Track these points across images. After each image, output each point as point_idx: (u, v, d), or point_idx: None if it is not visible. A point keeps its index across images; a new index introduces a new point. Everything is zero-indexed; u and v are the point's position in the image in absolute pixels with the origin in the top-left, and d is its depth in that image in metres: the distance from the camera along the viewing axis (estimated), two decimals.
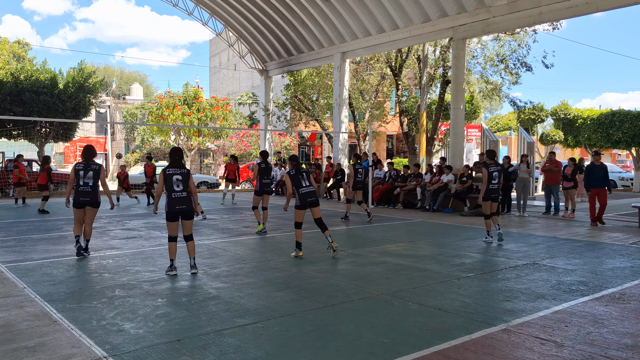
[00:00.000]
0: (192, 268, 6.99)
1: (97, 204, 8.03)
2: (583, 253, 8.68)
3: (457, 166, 16.03)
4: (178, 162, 7.02)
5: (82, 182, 7.89)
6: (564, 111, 28.40)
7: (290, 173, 8.30)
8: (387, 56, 22.36)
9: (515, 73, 20.05)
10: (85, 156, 8.10)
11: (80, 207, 7.93)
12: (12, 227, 11.33)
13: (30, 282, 6.39)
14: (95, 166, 8.02)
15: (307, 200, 8.27)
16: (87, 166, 7.96)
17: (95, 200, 7.96)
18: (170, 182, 6.84)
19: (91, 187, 7.92)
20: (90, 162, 8.07)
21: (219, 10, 23.11)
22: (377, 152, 36.02)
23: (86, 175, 7.91)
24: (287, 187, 8.33)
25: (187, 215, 6.91)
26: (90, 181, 7.91)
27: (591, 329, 4.83)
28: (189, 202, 6.92)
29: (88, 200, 7.91)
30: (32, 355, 4.11)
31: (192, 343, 4.40)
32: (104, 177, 8.13)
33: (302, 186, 8.24)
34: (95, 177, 7.96)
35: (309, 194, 8.29)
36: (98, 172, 7.98)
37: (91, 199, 7.93)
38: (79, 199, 7.90)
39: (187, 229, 6.98)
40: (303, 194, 8.25)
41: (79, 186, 7.91)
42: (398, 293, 6.03)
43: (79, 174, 7.90)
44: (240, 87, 47.02)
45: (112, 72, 64.41)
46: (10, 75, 20.55)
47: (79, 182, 7.90)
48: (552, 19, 15.14)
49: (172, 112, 29.79)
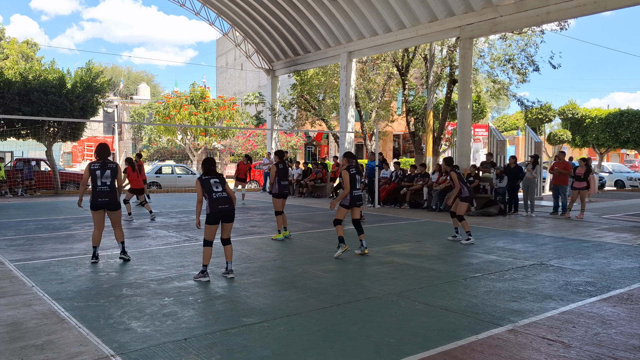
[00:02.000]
0: (228, 272, 6.78)
1: (118, 205, 7.68)
2: (591, 253, 8.63)
3: (464, 166, 15.98)
4: (213, 171, 6.73)
5: (100, 182, 7.48)
6: (572, 111, 28.25)
7: (350, 171, 8.18)
8: (394, 56, 22.34)
9: (523, 72, 19.97)
10: (100, 155, 7.68)
11: (99, 208, 7.54)
12: (20, 226, 11.42)
13: (39, 281, 6.44)
14: (112, 165, 7.63)
15: (357, 202, 8.31)
16: (103, 165, 7.54)
17: (114, 200, 7.59)
18: (209, 186, 6.55)
19: (109, 186, 7.53)
20: (106, 160, 7.65)
21: (226, 10, 23.16)
22: (383, 152, 35.97)
23: (103, 174, 7.50)
24: (345, 186, 8.19)
25: (229, 216, 6.65)
26: (108, 181, 7.51)
27: (599, 330, 4.81)
28: (230, 202, 6.63)
29: (107, 201, 7.51)
30: (40, 353, 4.14)
31: (199, 342, 4.42)
32: (121, 176, 7.86)
33: (357, 188, 8.25)
34: (113, 177, 7.59)
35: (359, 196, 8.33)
36: (115, 171, 7.61)
37: (110, 200, 7.52)
38: (98, 200, 7.48)
39: (226, 231, 6.75)
40: (355, 195, 8.24)
41: (96, 187, 7.49)
42: (404, 293, 6.02)
43: (95, 173, 7.48)
44: (246, 86, 47.10)
45: (120, 72, 64.71)
46: (19, 75, 20.67)
47: (96, 182, 7.48)
48: (560, 18, 15.05)
49: (179, 111, 29.89)
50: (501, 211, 14.39)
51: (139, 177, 13.43)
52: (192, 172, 26.38)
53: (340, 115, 20.69)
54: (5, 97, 19.89)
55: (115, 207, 7.61)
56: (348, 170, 8.15)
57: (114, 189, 7.59)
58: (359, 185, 8.30)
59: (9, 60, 33.68)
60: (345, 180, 8.12)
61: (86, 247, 8.89)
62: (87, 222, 12.30)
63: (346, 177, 8.12)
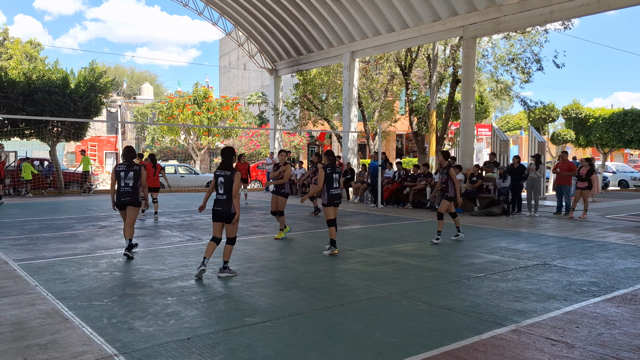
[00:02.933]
0: (220, 271, 6.78)
1: (138, 204, 8.05)
2: (594, 254, 8.60)
3: (467, 166, 15.96)
4: (227, 165, 6.75)
5: (123, 182, 7.94)
6: (576, 110, 28.16)
7: (326, 170, 8.32)
8: (397, 55, 22.31)
9: (527, 72, 19.91)
10: (126, 157, 8.16)
11: (122, 207, 7.98)
12: (24, 226, 11.45)
13: (42, 280, 6.46)
14: (137, 167, 8.06)
15: (335, 201, 8.41)
16: (128, 167, 8.00)
17: (135, 200, 7.98)
18: (215, 184, 6.72)
19: (131, 187, 7.95)
20: (131, 163, 8.11)
21: (229, 10, 23.18)
22: (386, 152, 35.93)
23: (127, 176, 7.96)
24: (319, 182, 8.32)
25: (224, 218, 6.60)
26: (130, 182, 7.95)
27: (602, 330, 4.79)
28: (226, 204, 6.57)
29: (128, 200, 7.94)
30: (43, 353, 4.15)
31: (202, 341, 4.42)
32: (144, 178, 8.23)
33: (334, 187, 8.37)
34: (136, 178, 7.99)
35: (337, 195, 8.45)
36: (139, 173, 8.02)
37: (131, 199, 7.95)
38: (120, 199, 7.95)
39: (227, 231, 6.72)
40: (332, 194, 8.36)
41: (119, 187, 7.97)
42: (407, 293, 6.02)
43: (119, 174, 7.97)
44: (249, 86, 47.13)
45: (123, 72, 64.81)
46: (23, 75, 20.75)
47: (120, 183, 7.96)
48: (564, 18, 15.01)
49: (182, 111, 29.93)
50: (504, 211, 14.37)
51: (155, 176, 13.60)
52: (195, 172, 26.41)
53: (343, 115, 20.68)
54: (9, 97, 19.96)
55: (137, 204, 8.04)
56: (324, 168, 8.34)
57: (136, 189, 8.01)
58: (336, 184, 8.40)
59: (13, 60, 33.78)
60: (320, 177, 8.31)
61: (89, 246, 8.91)
62: (91, 222, 12.34)
63: (321, 174, 8.31)
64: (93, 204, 17.11)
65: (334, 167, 8.43)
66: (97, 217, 13.34)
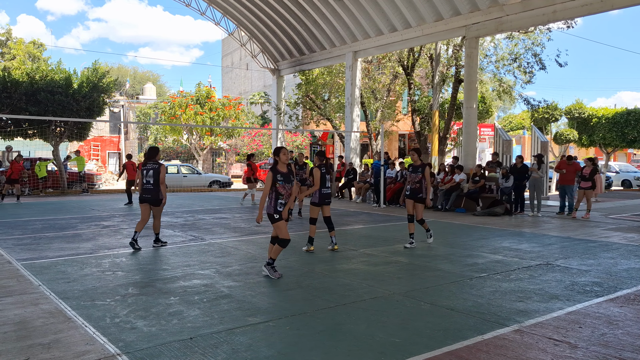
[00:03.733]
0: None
1: (158, 202, 8.67)
2: (597, 254, 8.58)
3: (470, 166, 15.94)
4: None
5: (145, 180, 8.66)
6: (579, 110, 28.11)
7: (321, 169, 8.46)
8: (399, 55, 22.30)
9: (529, 72, 19.88)
10: (149, 156, 8.86)
11: (143, 202, 8.67)
12: (27, 225, 11.48)
13: (45, 280, 6.47)
14: (156, 165, 8.68)
15: (326, 200, 8.61)
16: (150, 166, 8.69)
17: (156, 197, 8.62)
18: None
19: (152, 184, 8.61)
20: (152, 161, 8.76)
21: (232, 10, 23.19)
22: (389, 152, 35.91)
23: (147, 174, 8.64)
24: (315, 183, 8.44)
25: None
26: (151, 179, 8.61)
27: (605, 330, 4.78)
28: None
29: (149, 197, 8.61)
30: (47, 352, 4.16)
31: (204, 341, 4.43)
32: (163, 176, 8.68)
33: (326, 186, 8.55)
34: (156, 176, 8.59)
35: (328, 194, 8.63)
36: (158, 171, 8.62)
37: (152, 196, 8.60)
38: (142, 195, 8.68)
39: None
40: (324, 193, 8.56)
41: (142, 184, 8.68)
42: (410, 293, 6.01)
43: (142, 173, 8.69)
44: (252, 86, 47.16)
45: (126, 72, 64.91)
46: (26, 76, 20.81)
47: (143, 180, 8.68)
48: (567, 17, 14.98)
49: (184, 111, 29.97)
50: (507, 211, 14.34)
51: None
52: (198, 172, 26.43)
53: (346, 115, 20.68)
54: (12, 97, 20.01)
55: (156, 202, 8.67)
56: (319, 168, 8.45)
57: (157, 186, 8.62)
58: (328, 184, 8.58)
59: (16, 60, 33.87)
60: (316, 178, 8.39)
61: (92, 246, 8.93)
62: (93, 221, 12.36)
63: (317, 174, 8.39)
64: (96, 203, 17.15)
65: (326, 168, 8.63)
66: (100, 217, 13.37)
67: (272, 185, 6.52)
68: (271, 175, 6.50)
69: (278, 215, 6.54)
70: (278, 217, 6.55)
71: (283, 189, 6.54)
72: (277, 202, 6.53)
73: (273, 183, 6.51)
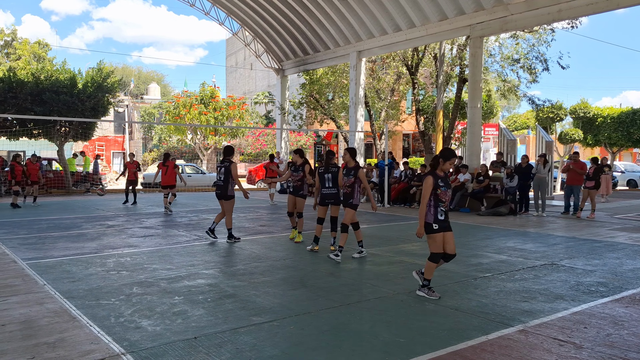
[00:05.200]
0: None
1: (228, 197, 9.27)
2: (603, 254, 8.55)
3: (474, 165, 15.91)
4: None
5: (217, 177, 9.38)
6: (584, 109, 28.02)
7: (318, 170, 8.58)
8: (404, 55, 22.27)
9: (533, 71, 19.82)
10: (224, 155, 9.44)
11: (217, 198, 9.43)
12: (32, 225, 11.53)
13: (50, 279, 6.50)
14: (227, 163, 9.30)
15: (325, 200, 8.54)
16: (222, 164, 9.35)
17: (225, 193, 9.25)
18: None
19: (223, 181, 9.25)
20: (226, 160, 9.36)
21: (236, 10, 23.22)
22: (393, 151, 35.86)
23: (220, 171, 9.34)
24: (317, 183, 8.63)
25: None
26: (222, 176, 9.29)
27: (611, 331, 4.76)
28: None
29: (219, 193, 9.32)
30: (52, 351, 4.18)
31: (209, 341, 4.43)
32: (235, 173, 9.24)
33: (326, 186, 8.50)
34: (227, 173, 9.23)
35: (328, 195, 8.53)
36: (229, 169, 9.24)
37: (221, 192, 9.28)
38: (216, 192, 9.40)
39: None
40: (324, 194, 8.51)
41: (216, 181, 9.41)
42: (414, 293, 6.00)
43: (218, 170, 9.39)
44: (256, 86, 47.20)
45: (130, 71, 65.07)
46: (31, 76, 20.90)
47: (217, 177, 9.38)
48: (572, 17, 14.92)
49: (189, 111, 30.01)
50: (512, 211, 14.30)
51: (167, 174, 14.72)
52: (202, 172, 26.46)
53: (350, 115, 20.67)
54: (17, 97, 20.10)
55: (227, 197, 9.29)
56: (317, 168, 8.67)
57: (227, 182, 9.24)
58: (328, 184, 8.47)
59: (22, 60, 34.04)
60: (316, 178, 8.65)
61: (97, 246, 8.96)
62: (99, 221, 12.40)
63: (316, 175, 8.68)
64: (100, 203, 17.20)
65: (327, 168, 8.53)
66: (105, 216, 13.41)
67: (432, 192, 5.82)
68: (431, 180, 5.81)
69: (437, 226, 5.82)
70: (437, 227, 5.82)
71: (445, 195, 5.86)
72: (437, 210, 5.83)
73: (434, 189, 5.80)
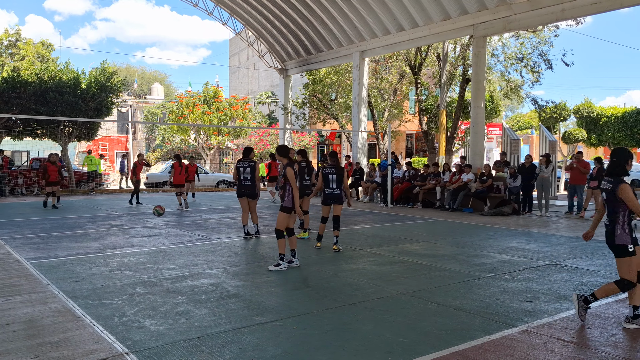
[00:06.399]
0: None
1: (254, 196, 9.61)
2: (606, 254, 8.51)
3: (477, 165, 15.88)
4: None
5: (242, 176, 9.56)
6: (588, 109, 27.94)
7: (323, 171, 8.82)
8: (407, 54, 22.25)
9: (537, 71, 19.78)
10: (245, 155, 9.74)
11: (241, 197, 9.62)
12: (36, 225, 11.56)
13: (54, 279, 6.51)
14: (252, 163, 9.59)
15: (328, 200, 8.82)
16: (246, 163, 9.57)
17: (252, 192, 9.57)
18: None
19: (249, 180, 9.53)
20: (247, 159, 9.63)
21: (239, 10, 23.23)
22: (396, 151, 35.84)
23: (245, 171, 9.54)
24: (318, 182, 8.91)
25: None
26: (248, 176, 9.53)
27: (614, 331, 4.75)
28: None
29: (247, 192, 9.57)
30: (55, 351, 4.19)
31: (212, 340, 4.44)
32: (258, 173, 9.63)
33: (329, 186, 8.76)
34: (252, 172, 9.52)
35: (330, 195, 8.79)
36: (254, 168, 9.57)
37: (250, 191, 9.56)
38: (241, 191, 9.61)
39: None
40: (327, 194, 8.78)
41: (240, 180, 9.59)
42: (417, 293, 6.00)
43: (239, 170, 9.58)
44: (259, 86, 47.22)
45: (134, 72, 65.17)
46: (35, 76, 20.96)
47: (240, 177, 9.58)
48: (575, 16, 14.89)
49: (192, 111, 30.05)
50: (515, 211, 14.27)
51: (181, 175, 15.23)
52: (205, 172, 26.49)
53: (353, 115, 20.66)
54: (21, 97, 20.15)
55: (253, 196, 9.62)
56: (321, 168, 8.92)
57: (254, 182, 9.55)
58: (332, 185, 8.71)
59: (25, 61, 34.12)
60: (319, 177, 8.91)
61: (100, 245, 8.98)
62: (102, 221, 12.43)
63: (320, 174, 8.90)
64: (104, 203, 17.24)
65: (331, 168, 8.77)
66: (108, 216, 13.44)
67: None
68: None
69: (632, 248, 4.86)
70: (632, 249, 4.85)
71: None
72: (631, 228, 4.96)
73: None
